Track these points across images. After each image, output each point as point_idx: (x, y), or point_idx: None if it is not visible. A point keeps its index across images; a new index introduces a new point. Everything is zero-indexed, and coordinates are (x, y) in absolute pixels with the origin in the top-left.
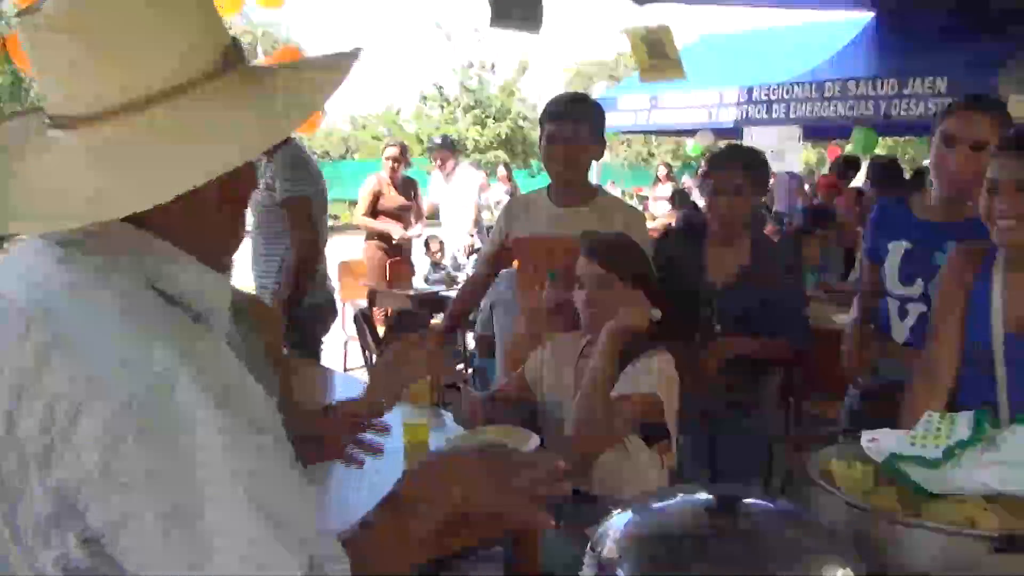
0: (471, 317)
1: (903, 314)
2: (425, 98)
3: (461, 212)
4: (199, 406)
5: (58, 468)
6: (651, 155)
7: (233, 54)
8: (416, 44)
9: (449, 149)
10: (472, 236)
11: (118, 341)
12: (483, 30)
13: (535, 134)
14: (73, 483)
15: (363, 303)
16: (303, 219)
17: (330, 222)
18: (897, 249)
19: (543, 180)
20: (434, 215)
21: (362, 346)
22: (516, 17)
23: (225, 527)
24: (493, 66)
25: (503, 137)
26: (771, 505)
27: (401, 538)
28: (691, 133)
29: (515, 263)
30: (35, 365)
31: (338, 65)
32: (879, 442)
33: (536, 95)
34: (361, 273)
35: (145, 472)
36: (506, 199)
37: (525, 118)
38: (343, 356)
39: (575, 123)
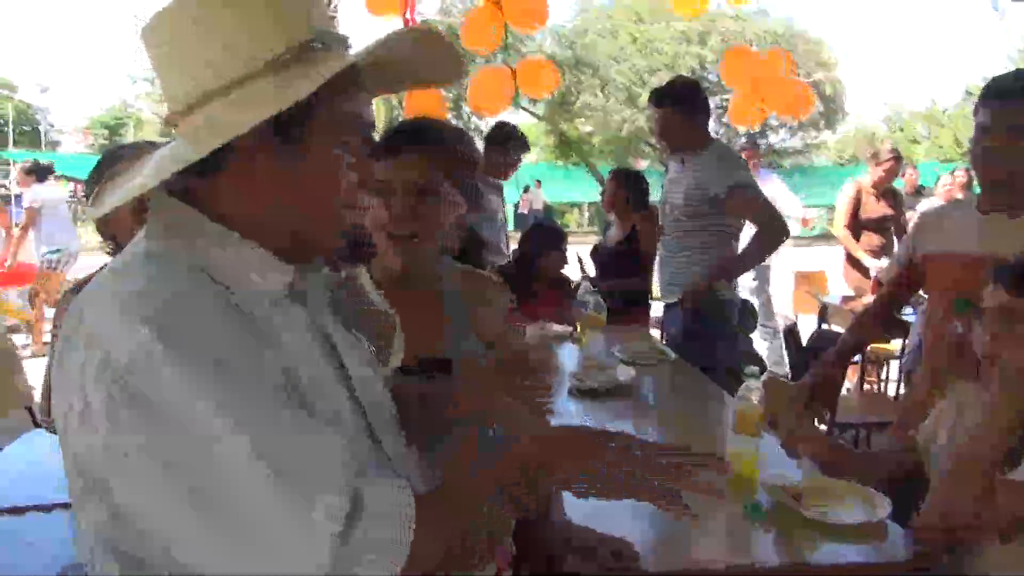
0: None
1: None
2: (970, 93)
3: None
4: (184, 378)
5: (76, 439)
6: None
7: (308, 48)
8: (968, 30)
9: (751, 150)
10: None
11: (110, 317)
12: None
13: None
14: (88, 454)
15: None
16: (760, 206)
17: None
18: None
19: None
20: None
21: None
22: None
23: (238, 487)
24: None
25: None
26: None
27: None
28: None
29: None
30: (66, 342)
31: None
32: None
33: None
34: (820, 286)
35: (143, 444)
36: None
37: None
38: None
39: (1015, 108)
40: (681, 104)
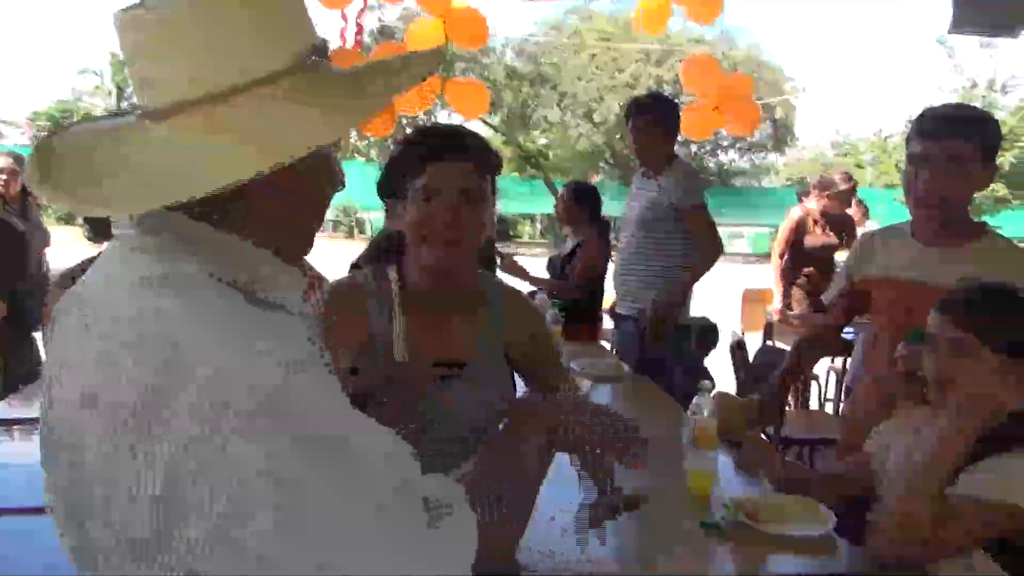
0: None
1: None
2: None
3: None
4: (323, 393)
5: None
6: None
7: (316, 54)
8: (914, 62)
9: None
10: None
11: (230, 344)
12: (996, 45)
13: None
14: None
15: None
16: (707, 227)
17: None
18: None
19: None
20: None
21: (736, 377)
22: (981, 23)
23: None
24: (1004, 87)
25: (1007, 168)
26: None
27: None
28: None
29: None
30: (160, 377)
31: (418, 66)
32: None
33: None
34: (767, 302)
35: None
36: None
37: None
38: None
39: (951, 141)
40: (663, 116)
